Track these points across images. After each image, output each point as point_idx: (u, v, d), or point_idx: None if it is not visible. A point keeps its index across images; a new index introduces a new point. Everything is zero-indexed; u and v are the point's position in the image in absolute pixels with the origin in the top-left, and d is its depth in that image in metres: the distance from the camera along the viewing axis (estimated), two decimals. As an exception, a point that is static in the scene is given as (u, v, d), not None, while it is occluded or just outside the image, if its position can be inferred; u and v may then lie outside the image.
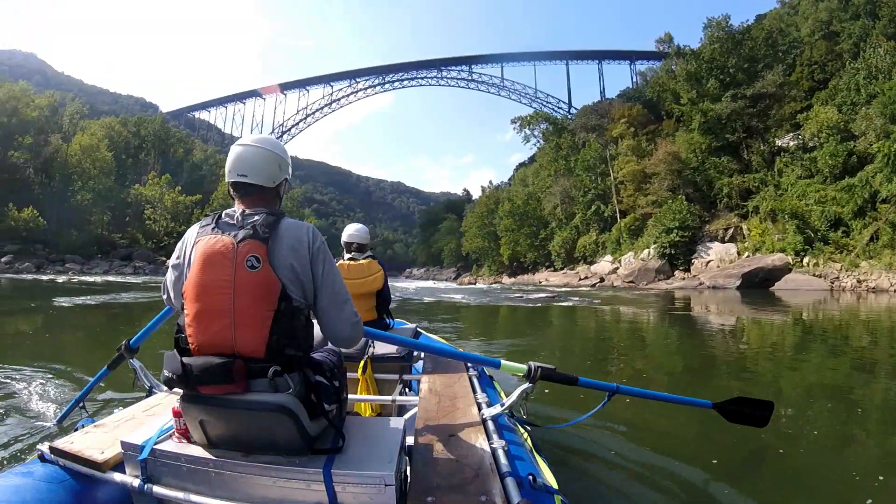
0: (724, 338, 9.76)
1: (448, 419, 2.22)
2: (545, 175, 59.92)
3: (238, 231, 1.61)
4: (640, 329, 11.37)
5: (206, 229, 1.66)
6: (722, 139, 41.50)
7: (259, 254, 1.57)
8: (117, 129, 64.85)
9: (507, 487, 1.60)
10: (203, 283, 1.58)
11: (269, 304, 1.55)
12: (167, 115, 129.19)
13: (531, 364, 2.22)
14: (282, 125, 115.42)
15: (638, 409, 4.42)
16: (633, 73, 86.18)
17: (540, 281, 46.94)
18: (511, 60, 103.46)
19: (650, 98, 53.65)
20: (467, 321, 13.75)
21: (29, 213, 45.51)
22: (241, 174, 1.76)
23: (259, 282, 1.56)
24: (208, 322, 1.56)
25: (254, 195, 1.76)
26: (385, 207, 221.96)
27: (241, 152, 1.78)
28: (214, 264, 1.58)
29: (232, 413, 1.57)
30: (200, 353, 1.56)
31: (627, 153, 48.57)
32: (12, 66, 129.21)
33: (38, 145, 51.43)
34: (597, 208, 50.03)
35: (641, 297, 22.97)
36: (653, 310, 16.50)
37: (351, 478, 1.54)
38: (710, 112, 41.21)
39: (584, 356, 7.35)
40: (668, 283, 34.76)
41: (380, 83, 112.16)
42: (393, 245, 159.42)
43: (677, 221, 37.84)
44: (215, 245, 1.59)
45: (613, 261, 44.03)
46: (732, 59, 41.85)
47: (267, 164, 1.79)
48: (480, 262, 70.64)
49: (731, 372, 6.69)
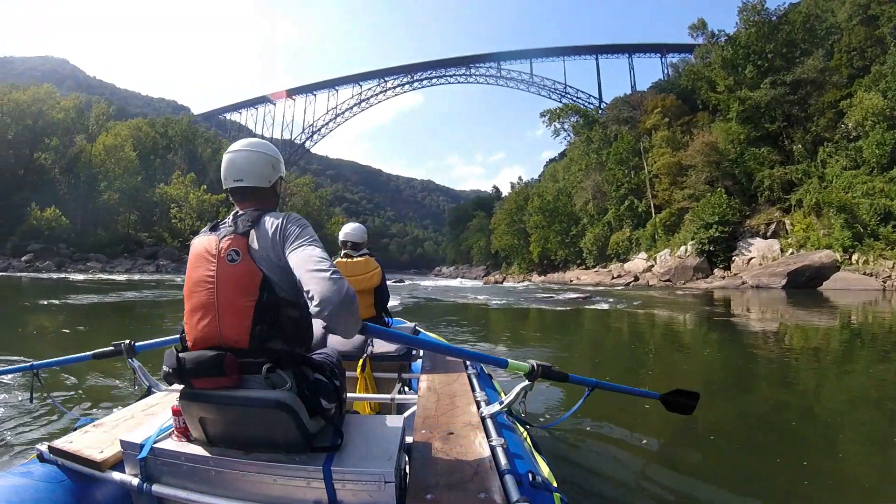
0: (776, 346, 8.55)
1: (447, 417, 2.22)
2: (576, 170, 58.32)
3: (224, 231, 1.69)
4: (680, 339, 10.00)
5: (203, 233, 1.75)
6: (761, 129, 39.39)
7: (238, 247, 1.63)
8: (145, 129, 65.64)
9: (507, 485, 1.59)
10: (193, 281, 1.66)
11: (250, 295, 1.59)
12: (199, 117, 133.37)
13: (533, 363, 2.17)
14: (312, 125, 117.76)
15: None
16: (664, 67, 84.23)
17: (571, 280, 45.59)
18: (540, 56, 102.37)
19: (684, 87, 51.65)
20: (482, 328, 12.11)
21: (51, 212, 46.07)
22: (236, 179, 1.80)
23: (238, 273, 1.61)
24: (199, 317, 1.63)
25: (252, 197, 1.82)
26: (415, 206, 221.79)
27: (234, 158, 1.81)
28: (201, 262, 1.66)
29: (231, 410, 1.59)
30: (195, 348, 1.62)
31: (662, 145, 46.81)
32: (45, 72, 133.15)
33: (64, 146, 52.29)
34: (630, 203, 48.50)
35: (680, 299, 21.51)
36: (694, 314, 14.82)
37: (350, 475, 1.54)
38: (748, 100, 39.18)
39: (616, 370, 6.38)
40: (707, 282, 33.10)
41: (408, 82, 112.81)
42: (423, 243, 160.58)
43: (717, 216, 36.07)
44: (203, 245, 1.68)
45: (648, 258, 42.49)
46: (770, 44, 39.73)
47: (260, 165, 1.83)
48: (510, 260, 69.55)
49: (777, 383, 6.06)
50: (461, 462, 1.75)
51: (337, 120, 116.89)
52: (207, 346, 1.61)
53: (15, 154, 50.24)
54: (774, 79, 38.41)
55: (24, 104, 49.56)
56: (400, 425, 1.84)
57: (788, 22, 40.29)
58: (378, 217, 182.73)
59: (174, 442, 1.71)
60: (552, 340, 9.45)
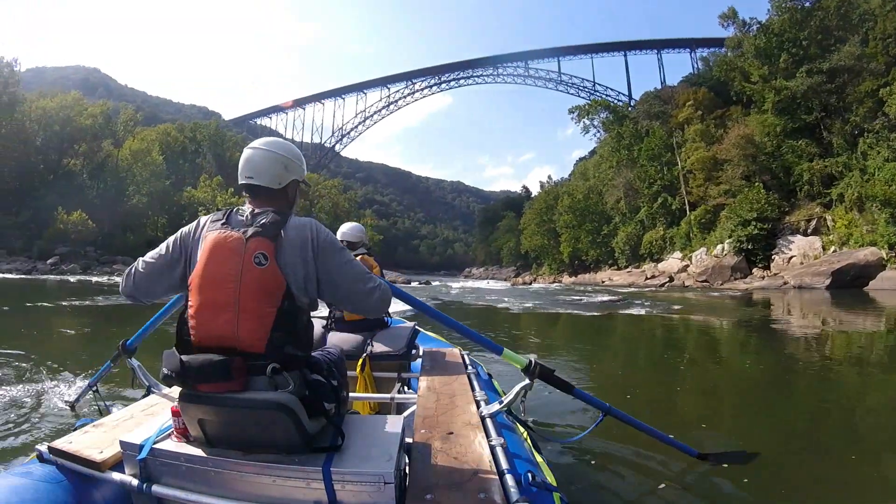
0: (831, 357, 7.60)
1: (447, 417, 2.22)
2: (606, 167, 56.80)
3: (248, 228, 1.66)
4: (721, 349, 8.97)
5: (217, 224, 1.72)
6: (798, 120, 37.59)
7: (267, 251, 1.61)
8: (173, 134, 66.41)
9: (506, 485, 1.59)
10: (210, 276, 1.61)
11: (273, 301, 1.58)
12: (229, 123, 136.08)
13: (531, 358, 2.22)
14: (341, 128, 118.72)
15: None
16: (693, 61, 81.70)
17: (603, 280, 44.51)
18: (568, 54, 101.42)
19: (717, 79, 49.79)
20: (498, 337, 10.51)
21: (77, 216, 46.57)
22: (248, 176, 1.82)
23: (265, 278, 1.59)
24: (212, 314, 1.59)
25: (262, 196, 1.82)
26: (445, 207, 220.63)
27: (250, 155, 1.84)
28: (223, 258, 1.62)
29: (231, 412, 1.57)
30: (201, 346, 1.58)
31: (695, 139, 45.30)
32: (76, 81, 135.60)
33: (92, 151, 53.24)
34: (664, 200, 47.09)
35: (720, 302, 20.35)
36: (736, 320, 13.30)
37: (350, 476, 1.53)
38: (783, 90, 37.52)
39: (645, 395, 5.61)
40: (746, 282, 31.66)
41: (436, 83, 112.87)
42: (453, 245, 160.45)
43: (755, 212, 34.64)
44: (225, 239, 1.64)
45: (683, 258, 41.12)
46: (804, 31, 37.99)
47: (272, 165, 1.83)
48: (540, 261, 68.47)
49: (815, 394, 5.58)
50: (461, 462, 1.75)
51: (366, 123, 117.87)
52: (218, 346, 1.57)
53: (44, 160, 51.18)
54: (810, 67, 36.65)
55: (51, 111, 50.58)
56: (400, 425, 1.83)
57: (822, 8, 38.42)
58: (408, 219, 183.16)
59: (174, 442, 1.70)
60: (578, 352, 8.59)
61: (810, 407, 5.05)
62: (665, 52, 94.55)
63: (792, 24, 38.53)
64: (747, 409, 4.92)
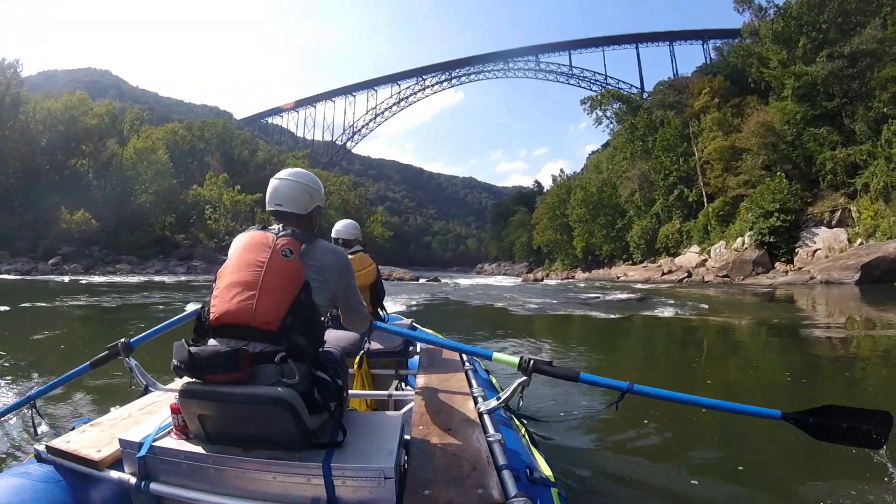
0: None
1: (445, 413, 2.24)
2: (620, 159, 55.09)
3: (280, 232, 1.85)
4: (762, 359, 7.58)
5: (252, 229, 1.90)
6: (819, 106, 35.71)
7: (294, 248, 1.77)
8: (181, 133, 66.32)
9: (504, 480, 1.60)
10: (239, 262, 1.74)
11: (293, 289, 1.70)
12: (241, 122, 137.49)
13: (523, 356, 2.20)
14: (352, 126, 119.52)
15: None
16: (706, 53, 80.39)
17: (618, 276, 43.06)
18: (579, 47, 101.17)
19: (733, 67, 48.19)
20: (499, 344, 8.50)
21: (81, 215, 46.24)
22: (277, 203, 1.99)
23: (289, 268, 1.73)
24: (236, 292, 1.67)
25: (289, 221, 1.97)
26: (457, 203, 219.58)
27: (277, 185, 2.01)
28: (254, 249, 1.76)
29: (231, 407, 1.58)
30: (219, 323, 1.65)
31: (712, 128, 43.47)
32: (88, 84, 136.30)
33: (98, 151, 53.13)
34: (680, 193, 45.43)
35: (746, 299, 18.83)
36: (776, 321, 12.02)
37: (350, 472, 1.55)
38: (804, 75, 35.73)
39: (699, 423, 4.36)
40: (769, 277, 30.05)
41: (446, 79, 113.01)
42: (465, 241, 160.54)
43: (778, 203, 32.92)
44: (257, 237, 1.82)
45: (701, 252, 39.49)
46: (822, 14, 36.16)
47: (299, 194, 2.01)
48: (552, 256, 67.21)
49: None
50: (459, 458, 1.76)
51: (376, 119, 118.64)
52: (234, 322, 1.64)
53: (49, 160, 51.09)
54: (830, 51, 34.91)
55: (56, 112, 50.35)
56: (399, 421, 1.85)
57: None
58: (420, 215, 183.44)
59: (173, 440, 1.70)
60: (601, 367, 7.05)
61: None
62: (677, 43, 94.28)
63: (810, 7, 36.70)
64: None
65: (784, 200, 32.91)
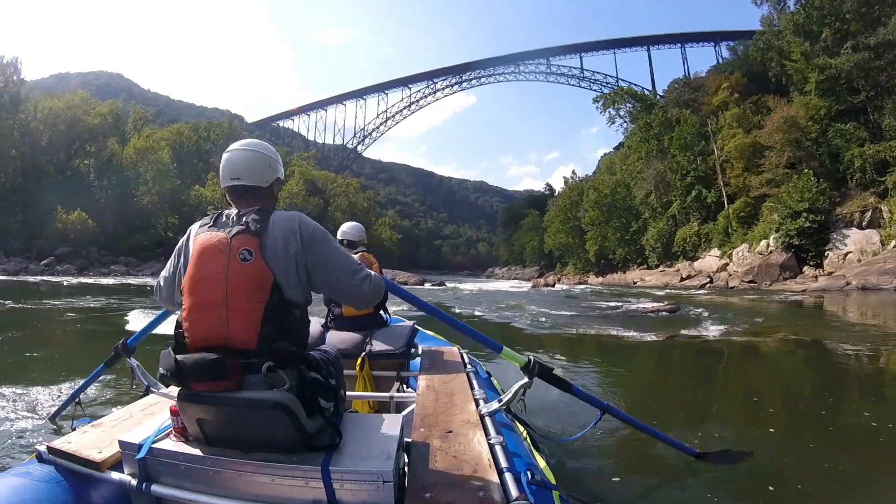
0: None
1: (446, 415, 2.23)
2: (635, 159, 52.68)
3: (232, 227, 1.69)
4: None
5: (204, 228, 1.75)
6: (844, 101, 34.03)
7: (251, 247, 1.64)
8: (187, 134, 66.05)
9: (505, 483, 1.60)
10: (198, 277, 1.65)
11: (261, 296, 1.60)
12: (253, 126, 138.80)
13: (531, 357, 2.21)
14: (363, 129, 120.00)
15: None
16: (718, 55, 78.71)
17: (634, 281, 40.82)
18: (590, 50, 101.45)
19: (750, 63, 46.71)
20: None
21: (77, 215, 45.68)
22: (234, 178, 1.84)
23: (250, 274, 1.61)
24: (203, 314, 1.61)
25: (248, 196, 1.84)
26: (468, 207, 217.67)
27: (232, 157, 1.86)
28: (209, 258, 1.64)
29: (229, 411, 1.59)
30: (196, 347, 1.60)
31: (732, 124, 41.33)
32: (99, 86, 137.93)
33: (99, 150, 53.20)
34: (698, 193, 43.31)
35: (796, 309, 16.75)
36: (857, 340, 9.08)
37: (349, 474, 1.54)
38: (827, 68, 34.07)
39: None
40: (798, 282, 27.80)
41: (457, 82, 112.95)
42: (476, 244, 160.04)
43: (806, 202, 30.61)
44: (210, 240, 1.68)
45: (722, 255, 37.15)
46: (845, 4, 34.63)
47: (258, 165, 1.86)
48: (564, 260, 65.33)
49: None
50: (460, 460, 1.75)
51: (387, 123, 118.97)
52: (210, 346, 1.58)
53: (50, 160, 50.77)
54: (855, 42, 33.37)
55: (57, 111, 49.77)
56: (399, 424, 1.84)
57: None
58: (431, 219, 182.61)
59: (173, 442, 1.71)
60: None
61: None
62: (689, 45, 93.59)
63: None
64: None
65: (813, 200, 30.70)
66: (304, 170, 74.89)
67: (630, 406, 5.17)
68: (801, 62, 36.76)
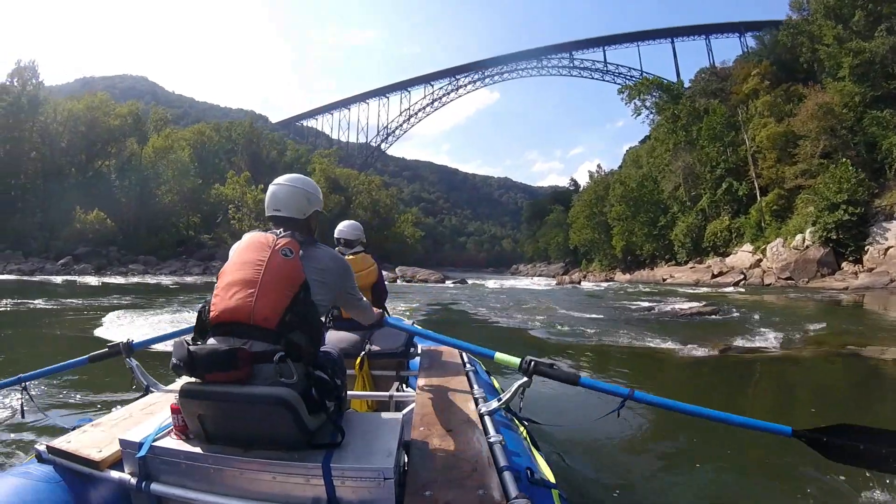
0: None
1: (445, 414, 2.23)
2: (662, 151, 51.36)
3: (280, 235, 1.87)
4: None
5: (255, 232, 1.92)
6: (880, 87, 32.77)
7: (293, 248, 1.79)
8: (208, 133, 66.85)
9: (505, 481, 1.59)
10: (239, 261, 1.76)
11: (291, 288, 1.71)
12: (277, 126, 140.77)
13: (527, 357, 2.19)
14: (386, 127, 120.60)
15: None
16: (743, 46, 75.98)
17: (663, 278, 39.63)
18: (613, 43, 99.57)
19: (778, 52, 45.13)
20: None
21: (95, 215, 46.13)
22: (275, 209, 2.04)
23: (288, 267, 1.74)
24: (235, 290, 1.68)
25: (286, 226, 1.99)
26: (492, 204, 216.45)
27: (276, 191, 2.06)
28: (254, 249, 1.78)
29: (231, 407, 1.59)
30: (219, 321, 1.67)
31: (764, 113, 39.70)
32: (124, 90, 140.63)
33: (119, 151, 53.63)
34: (728, 186, 41.92)
35: (855, 311, 15.72)
36: None
37: (350, 472, 1.55)
38: (861, 52, 32.79)
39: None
40: (837, 279, 26.39)
41: (479, 78, 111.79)
42: (501, 241, 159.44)
43: (844, 194, 29.01)
44: (258, 237, 1.84)
45: (755, 251, 35.81)
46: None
47: (297, 199, 2.05)
48: (590, 257, 63.85)
49: None
50: (459, 459, 1.76)
51: (410, 121, 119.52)
52: (234, 319, 1.64)
53: (71, 161, 51.26)
54: (889, 25, 32.48)
55: (77, 112, 50.35)
56: (399, 422, 1.86)
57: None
58: (455, 216, 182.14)
59: (173, 440, 1.71)
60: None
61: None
62: (714, 37, 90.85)
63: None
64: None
65: (852, 191, 29.09)
66: (325, 167, 75.11)
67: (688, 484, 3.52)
68: (833, 46, 35.74)
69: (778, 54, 45.68)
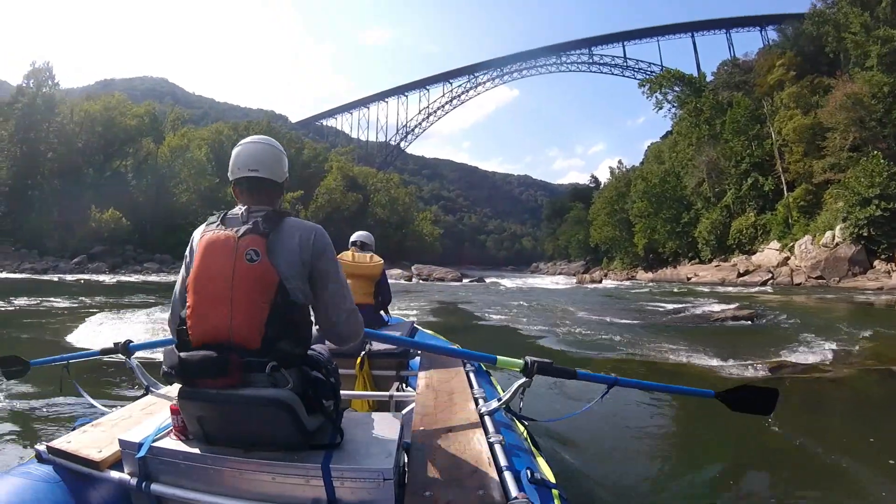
0: None
1: (445, 414, 2.24)
2: (685, 146, 49.98)
3: (241, 226, 1.67)
4: None
5: (211, 226, 1.72)
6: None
7: (258, 248, 1.62)
8: (226, 133, 67.12)
9: (505, 482, 1.60)
10: (204, 275, 1.63)
11: (266, 297, 1.59)
12: (296, 125, 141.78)
13: (528, 359, 2.20)
14: (405, 126, 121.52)
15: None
16: (765, 40, 74.21)
17: (687, 276, 38.52)
18: (632, 38, 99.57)
19: (808, 34, 43.40)
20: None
21: (110, 214, 46.69)
22: (252, 168, 1.80)
23: (257, 274, 1.60)
24: (207, 311, 1.60)
25: (263, 191, 1.82)
26: (512, 201, 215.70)
27: (251, 148, 1.84)
28: (215, 257, 1.63)
29: (230, 408, 1.58)
30: (199, 344, 1.60)
31: (790, 105, 38.42)
32: (144, 91, 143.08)
33: (136, 151, 54.52)
34: (754, 181, 40.64)
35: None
36: None
37: (349, 473, 1.54)
38: (890, 40, 31.66)
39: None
40: (870, 278, 25.22)
41: (498, 75, 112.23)
42: (521, 239, 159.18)
43: (877, 188, 27.59)
44: (218, 238, 1.66)
45: (782, 248, 34.56)
46: None
47: (276, 159, 1.86)
48: (611, 254, 62.62)
49: None
50: (460, 459, 1.76)
51: (429, 119, 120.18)
52: (214, 342, 1.57)
53: (88, 161, 52.13)
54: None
55: (94, 113, 51.20)
56: (399, 423, 1.85)
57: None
58: (475, 214, 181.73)
59: (173, 441, 1.71)
60: None
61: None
62: (734, 31, 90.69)
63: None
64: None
65: (884, 185, 27.67)
66: (343, 165, 75.16)
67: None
68: (860, 34, 34.62)
69: (801, 45, 44.44)
